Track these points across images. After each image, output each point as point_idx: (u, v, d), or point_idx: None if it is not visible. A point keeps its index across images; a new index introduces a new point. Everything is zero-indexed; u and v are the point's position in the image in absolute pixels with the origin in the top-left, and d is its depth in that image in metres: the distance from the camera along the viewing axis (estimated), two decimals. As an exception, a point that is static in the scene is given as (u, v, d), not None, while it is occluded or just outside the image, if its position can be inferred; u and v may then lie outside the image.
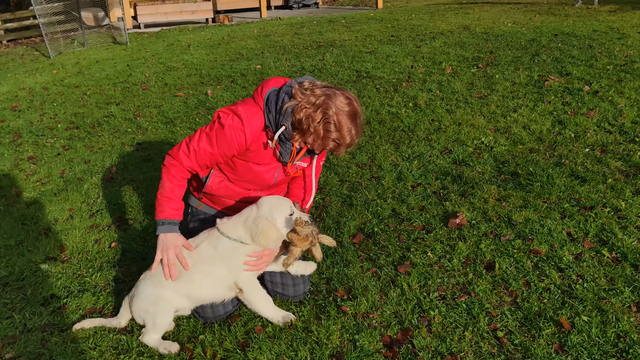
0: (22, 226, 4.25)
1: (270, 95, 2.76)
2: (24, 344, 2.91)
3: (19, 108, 7.93)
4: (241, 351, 2.71)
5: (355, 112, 2.69)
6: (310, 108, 2.63)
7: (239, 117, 2.74)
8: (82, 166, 5.36)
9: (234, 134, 2.74)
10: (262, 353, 2.68)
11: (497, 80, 6.71)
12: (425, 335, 2.72)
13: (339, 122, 2.63)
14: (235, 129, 2.73)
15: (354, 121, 2.68)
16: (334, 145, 2.72)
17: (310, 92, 2.67)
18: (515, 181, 4.18)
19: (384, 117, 5.80)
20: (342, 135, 2.67)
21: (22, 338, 2.96)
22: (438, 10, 13.83)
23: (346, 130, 2.67)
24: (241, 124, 2.73)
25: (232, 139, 2.74)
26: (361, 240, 3.61)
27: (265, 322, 2.89)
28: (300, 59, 9.09)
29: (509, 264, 3.20)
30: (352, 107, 2.67)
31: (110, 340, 2.88)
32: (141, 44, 12.55)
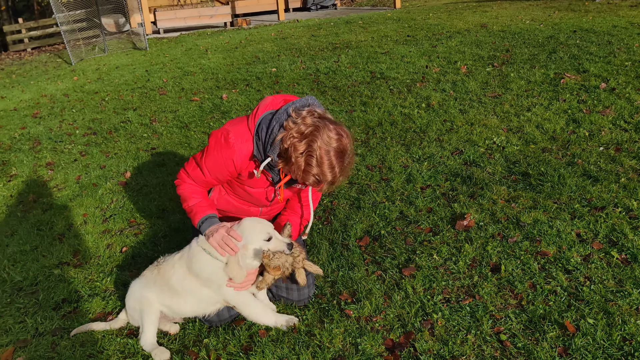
0: (38, 232, 4.35)
1: (263, 122, 2.68)
2: (35, 348, 2.98)
3: (40, 115, 8.10)
4: (244, 355, 2.73)
5: (343, 149, 2.54)
6: (296, 137, 2.52)
7: (228, 145, 2.72)
8: (98, 172, 5.45)
9: (223, 163, 2.76)
10: (264, 356, 2.70)
11: (512, 79, 6.64)
12: (428, 339, 2.71)
13: (320, 157, 2.50)
14: (225, 158, 2.74)
15: (340, 158, 2.54)
16: (313, 181, 2.58)
17: (301, 121, 2.54)
18: (525, 182, 4.13)
19: (396, 119, 5.78)
20: (323, 171, 2.53)
21: (34, 342, 3.03)
22: (456, 8, 13.73)
23: (327, 167, 2.53)
24: (230, 153, 2.72)
25: (222, 167, 2.78)
26: (367, 243, 3.61)
27: (267, 326, 2.91)
28: (316, 61, 9.11)
29: (515, 266, 3.17)
30: (340, 143, 2.53)
31: (118, 344, 2.93)
32: (160, 49, 12.71)
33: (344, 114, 6.18)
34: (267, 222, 2.81)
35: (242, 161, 2.75)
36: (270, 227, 2.77)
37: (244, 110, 6.88)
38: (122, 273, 3.58)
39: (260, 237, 2.71)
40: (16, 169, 5.87)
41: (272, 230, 2.75)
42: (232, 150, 2.71)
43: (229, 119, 6.64)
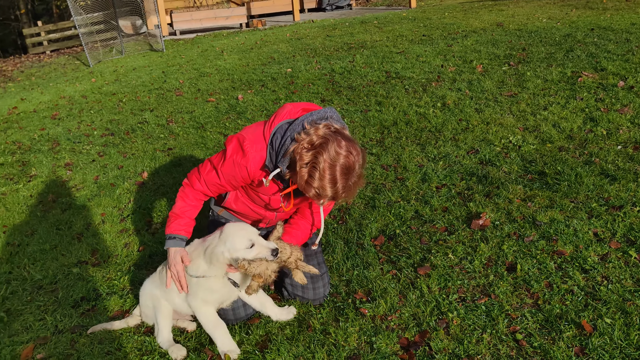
0: (57, 231, 4.41)
1: (278, 131, 2.65)
2: (54, 345, 3.02)
3: (59, 116, 8.22)
4: (260, 352, 2.75)
5: (349, 167, 2.47)
6: (305, 147, 2.49)
7: (243, 153, 2.71)
8: (115, 172, 5.52)
9: (237, 169, 2.76)
10: (280, 355, 2.71)
11: (529, 77, 6.59)
12: (443, 338, 2.71)
13: (323, 170, 2.44)
14: (239, 165, 2.74)
15: (344, 175, 2.48)
16: (314, 194, 2.53)
17: (314, 132, 2.50)
18: (542, 181, 4.11)
19: (412, 118, 5.78)
20: (323, 185, 2.47)
21: (53, 339, 3.08)
22: (472, 7, 13.66)
23: (328, 182, 2.47)
24: (244, 160, 2.71)
25: (236, 174, 2.77)
26: (382, 242, 3.61)
27: (283, 325, 2.93)
28: (331, 61, 9.12)
29: (531, 265, 3.15)
30: (347, 160, 2.46)
31: (135, 342, 2.97)
32: (177, 50, 12.81)
33: (359, 113, 6.19)
34: (250, 228, 2.73)
35: (255, 169, 2.74)
36: (254, 234, 2.68)
37: (259, 111, 6.91)
38: (139, 272, 3.63)
39: (242, 245, 2.63)
40: (36, 169, 5.96)
41: (255, 237, 2.66)
42: (247, 158, 2.71)
43: (244, 119, 6.68)
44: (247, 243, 2.63)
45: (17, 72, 13.89)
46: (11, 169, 6.08)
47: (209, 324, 2.81)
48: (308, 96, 7.21)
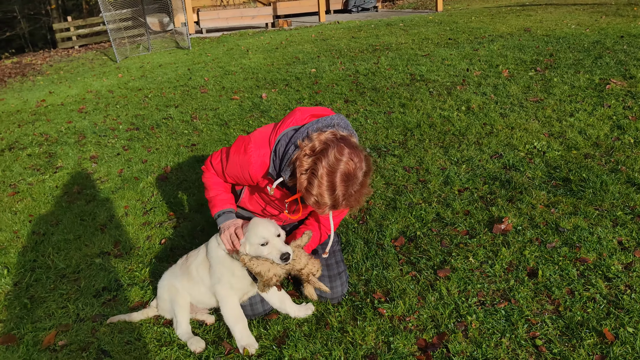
0: (81, 222, 4.48)
1: (282, 139, 2.63)
2: (76, 333, 3.07)
3: (85, 110, 8.34)
4: (277, 348, 2.76)
5: (350, 174, 2.40)
6: (306, 153, 2.44)
7: (246, 155, 2.71)
8: (139, 166, 5.59)
9: (240, 171, 2.77)
10: (297, 351, 2.72)
11: (555, 83, 6.52)
12: (461, 340, 2.69)
13: (321, 177, 2.38)
14: (242, 167, 2.74)
15: (344, 183, 2.40)
16: (313, 202, 2.47)
17: (316, 137, 2.46)
18: (566, 187, 4.06)
19: (435, 121, 5.75)
20: (321, 193, 2.41)
21: (75, 327, 3.13)
22: (499, 12, 13.55)
23: (326, 189, 2.40)
24: (247, 164, 2.72)
25: (240, 174, 2.80)
26: (403, 243, 3.60)
27: (301, 321, 2.94)
28: (355, 62, 9.12)
29: (553, 271, 3.11)
30: (347, 167, 2.38)
31: (154, 333, 3.00)
32: (202, 48, 12.92)
33: (382, 115, 6.18)
34: (274, 225, 2.71)
35: (257, 174, 2.74)
36: (273, 233, 2.66)
37: (282, 110, 6.94)
38: (161, 264, 3.67)
39: (256, 241, 2.65)
40: (62, 161, 6.06)
41: (271, 236, 2.65)
42: (249, 161, 2.71)
43: (267, 117, 6.71)
44: (261, 240, 2.65)
45: (46, 66, 14.14)
46: (38, 160, 6.19)
47: (231, 316, 2.83)
48: (332, 96, 7.22)
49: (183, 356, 2.79)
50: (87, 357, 2.86)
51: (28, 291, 3.56)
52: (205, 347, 2.83)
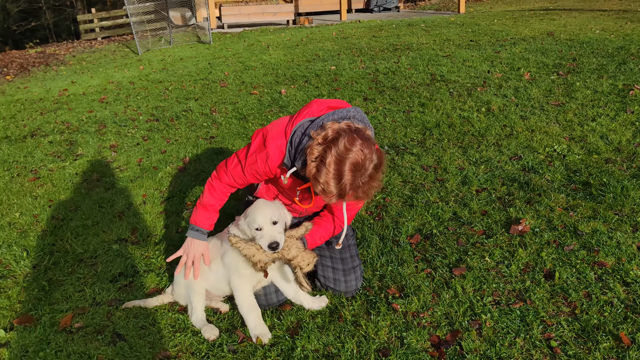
0: (100, 208, 4.53)
1: (298, 130, 2.63)
2: (92, 316, 3.11)
3: (107, 100, 8.43)
4: (290, 338, 2.77)
5: (358, 164, 2.38)
6: (318, 142, 2.44)
7: (265, 150, 2.73)
8: (158, 156, 5.63)
9: (260, 164, 2.78)
10: (310, 342, 2.73)
11: (578, 88, 6.45)
12: (475, 339, 2.68)
13: (329, 165, 2.37)
14: (261, 160, 2.76)
15: (353, 173, 2.38)
16: (320, 190, 2.45)
17: (330, 126, 2.45)
18: (586, 191, 4.02)
19: (455, 121, 5.72)
20: (328, 181, 2.40)
21: (91, 310, 3.17)
22: (522, 15, 13.44)
23: (333, 177, 2.38)
24: (265, 156, 2.73)
25: (259, 168, 2.80)
26: (418, 240, 3.59)
27: (314, 313, 2.95)
28: (375, 61, 9.11)
29: (570, 274, 3.09)
30: (356, 157, 2.37)
31: (169, 319, 3.03)
32: (223, 43, 12.99)
33: (401, 113, 6.16)
34: (273, 211, 2.77)
35: (274, 165, 2.76)
36: (266, 219, 2.71)
37: (301, 106, 6.92)
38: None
39: (251, 224, 2.75)
40: (82, 149, 6.13)
41: (265, 223, 2.70)
42: (267, 153, 2.73)
43: (286, 113, 6.73)
44: (255, 225, 2.73)
45: (69, 56, 14.31)
46: (59, 148, 6.27)
47: (245, 306, 2.85)
48: (351, 94, 7.21)
49: (197, 343, 2.81)
50: (102, 340, 2.89)
51: (46, 274, 3.61)
52: (218, 335, 2.85)
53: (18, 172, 5.57)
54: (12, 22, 26.75)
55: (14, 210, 4.61)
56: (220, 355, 2.71)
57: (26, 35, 26.17)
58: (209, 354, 2.73)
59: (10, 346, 2.89)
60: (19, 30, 26.57)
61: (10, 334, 2.99)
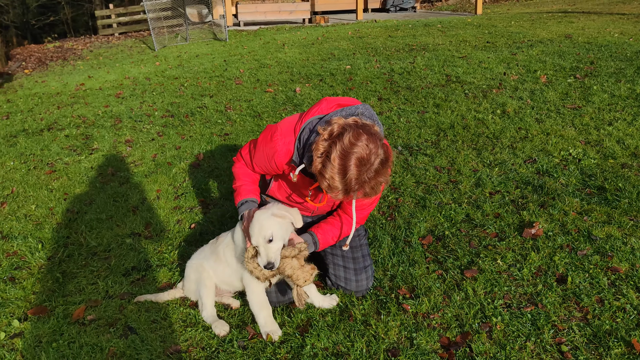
0: (114, 202, 4.57)
1: (307, 127, 2.63)
2: (104, 309, 3.14)
3: (123, 95, 8.50)
4: (300, 336, 2.78)
5: (362, 159, 2.34)
6: (324, 138, 2.41)
7: (272, 143, 2.74)
8: (173, 152, 5.67)
9: (267, 159, 2.82)
10: (319, 340, 2.74)
11: (595, 91, 6.40)
12: (485, 341, 2.67)
13: (333, 159, 2.35)
14: (268, 155, 2.79)
15: (358, 168, 2.34)
16: (326, 186, 2.43)
17: (335, 121, 2.43)
18: (600, 196, 3.99)
19: (469, 123, 5.70)
20: (332, 176, 2.37)
21: (103, 303, 3.20)
22: (540, 18, 13.34)
23: (338, 172, 2.36)
24: (272, 152, 2.75)
25: (266, 163, 2.85)
26: (430, 242, 3.59)
27: (324, 311, 2.95)
28: (391, 61, 9.09)
29: (582, 279, 3.07)
30: (361, 151, 2.33)
31: (180, 314, 3.06)
32: (239, 41, 13.03)
33: (415, 114, 6.15)
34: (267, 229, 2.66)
35: (282, 162, 2.77)
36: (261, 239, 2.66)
37: (316, 104, 6.95)
38: (189, 248, 3.72)
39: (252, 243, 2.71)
40: (98, 143, 6.19)
41: (261, 243, 2.66)
42: (274, 149, 2.73)
43: (300, 111, 6.72)
44: (254, 244, 2.70)
45: (87, 51, 14.43)
46: (75, 141, 6.33)
47: (256, 303, 2.86)
48: (365, 93, 7.21)
49: (207, 338, 2.83)
50: (114, 332, 2.92)
51: (60, 266, 3.65)
52: (229, 331, 2.86)
53: (34, 164, 5.64)
54: (31, 16, 27.04)
55: (30, 203, 4.67)
56: (231, 351, 2.73)
57: (45, 29, 26.44)
58: (219, 349, 2.75)
59: (24, 336, 2.93)
60: (37, 24, 26.85)
61: (24, 324, 3.04)
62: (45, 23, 26.77)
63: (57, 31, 25.37)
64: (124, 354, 2.75)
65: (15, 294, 3.34)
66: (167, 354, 2.73)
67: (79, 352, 2.78)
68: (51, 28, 26.50)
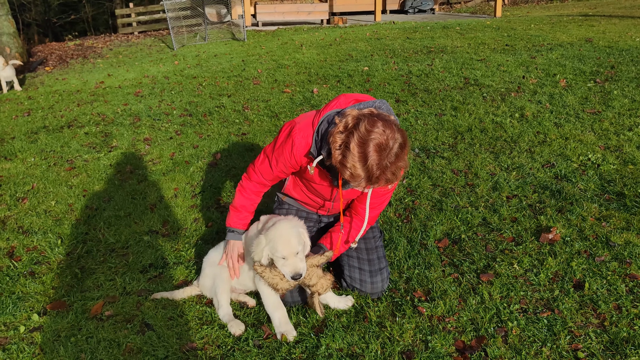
0: (132, 200, 4.62)
1: (325, 120, 2.67)
2: (122, 305, 3.18)
3: (142, 94, 8.58)
4: (315, 336, 2.79)
5: (380, 144, 2.37)
6: (340, 130, 2.45)
7: (292, 141, 2.77)
8: (191, 150, 5.72)
9: (286, 155, 2.82)
10: (334, 341, 2.75)
11: (615, 96, 6.33)
12: (500, 346, 2.66)
13: (353, 148, 2.39)
14: (287, 151, 2.80)
15: (378, 154, 2.38)
16: (348, 175, 2.46)
17: (349, 112, 2.48)
18: (619, 202, 3.95)
19: (487, 126, 5.67)
20: (354, 164, 2.40)
21: (121, 299, 3.24)
22: (560, 21, 13.22)
23: (359, 160, 2.39)
24: (291, 148, 2.77)
25: (285, 160, 2.85)
26: (446, 245, 3.58)
27: (339, 312, 2.96)
28: (409, 63, 9.08)
29: (600, 285, 3.04)
30: (379, 137, 2.37)
31: (197, 311, 3.08)
32: (257, 41, 13.08)
33: (433, 116, 6.14)
34: (296, 239, 2.73)
35: (300, 155, 2.79)
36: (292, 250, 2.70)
37: (333, 105, 6.97)
38: (206, 246, 3.75)
39: (275, 253, 2.73)
40: (117, 141, 6.26)
41: (290, 254, 2.69)
42: (293, 143, 2.76)
43: (318, 112, 6.75)
44: (280, 255, 2.71)
45: (107, 49, 14.58)
46: (94, 139, 6.41)
47: (270, 304, 2.88)
48: (383, 95, 7.21)
49: (223, 336, 2.85)
50: (131, 328, 2.96)
51: (79, 262, 3.70)
52: (244, 331, 2.88)
53: (55, 161, 5.72)
54: (52, 14, 27.39)
55: (50, 199, 4.74)
56: (246, 350, 2.75)
57: (65, 27, 26.77)
58: (235, 348, 2.77)
59: (44, 330, 2.98)
60: (58, 22, 27.18)
61: (43, 319, 3.08)
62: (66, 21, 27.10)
63: (78, 29, 25.70)
64: (140, 350, 2.78)
65: (35, 288, 3.39)
66: (183, 351, 2.76)
67: (96, 347, 2.81)
68: (72, 26, 26.84)
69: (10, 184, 5.10)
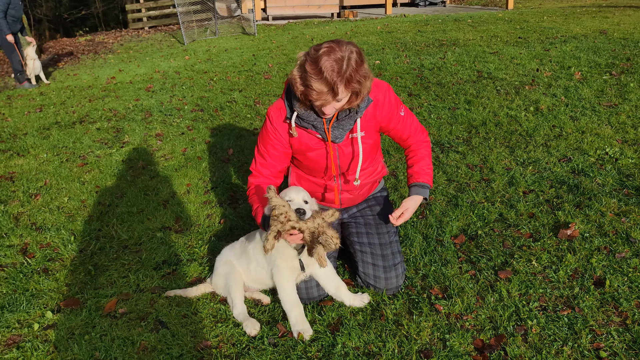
0: (145, 196, 4.61)
1: (289, 85, 2.82)
2: (135, 302, 3.16)
3: (153, 89, 8.57)
4: (331, 334, 2.76)
5: (331, 55, 2.49)
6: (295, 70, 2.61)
7: (268, 117, 2.94)
8: (203, 146, 5.69)
9: (270, 134, 2.96)
10: (350, 339, 2.71)
11: (632, 89, 6.23)
12: (520, 345, 2.61)
13: (308, 69, 2.51)
14: (268, 129, 2.95)
15: (337, 62, 2.48)
16: (315, 96, 2.57)
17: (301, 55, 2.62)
18: (639, 196, 3.87)
19: (502, 120, 5.60)
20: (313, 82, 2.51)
21: (134, 296, 3.22)
22: (574, 13, 13.05)
23: (316, 74, 2.49)
24: (270, 122, 2.93)
25: (271, 139, 2.97)
26: (463, 241, 3.53)
27: (355, 310, 2.92)
28: (421, 56, 8.99)
29: (621, 282, 2.98)
30: (326, 51, 2.49)
31: (211, 309, 3.06)
32: (268, 35, 13.03)
33: (446, 110, 6.07)
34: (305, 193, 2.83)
35: (279, 122, 2.91)
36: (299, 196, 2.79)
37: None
38: (219, 242, 3.72)
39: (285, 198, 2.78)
40: (129, 137, 6.25)
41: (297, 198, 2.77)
42: (269, 116, 2.94)
43: (330, 106, 6.70)
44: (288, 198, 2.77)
45: (117, 45, 14.60)
46: (106, 135, 6.40)
47: (288, 301, 2.84)
48: (395, 89, 7.14)
49: (238, 334, 2.83)
50: (145, 326, 2.94)
51: (92, 259, 3.69)
52: (259, 330, 2.85)
53: (67, 157, 5.72)
54: (63, 10, 27.45)
55: (63, 195, 4.73)
56: (261, 348, 2.72)
57: (76, 23, 26.84)
58: (250, 346, 2.74)
59: (58, 327, 2.96)
60: (69, 18, 27.25)
61: (57, 316, 3.07)
62: (77, 17, 27.16)
63: (89, 25, 25.75)
64: (155, 348, 2.76)
65: (49, 285, 3.38)
66: (197, 349, 2.73)
67: (110, 345, 2.80)
68: (83, 22, 26.90)
69: (23, 180, 5.10)
